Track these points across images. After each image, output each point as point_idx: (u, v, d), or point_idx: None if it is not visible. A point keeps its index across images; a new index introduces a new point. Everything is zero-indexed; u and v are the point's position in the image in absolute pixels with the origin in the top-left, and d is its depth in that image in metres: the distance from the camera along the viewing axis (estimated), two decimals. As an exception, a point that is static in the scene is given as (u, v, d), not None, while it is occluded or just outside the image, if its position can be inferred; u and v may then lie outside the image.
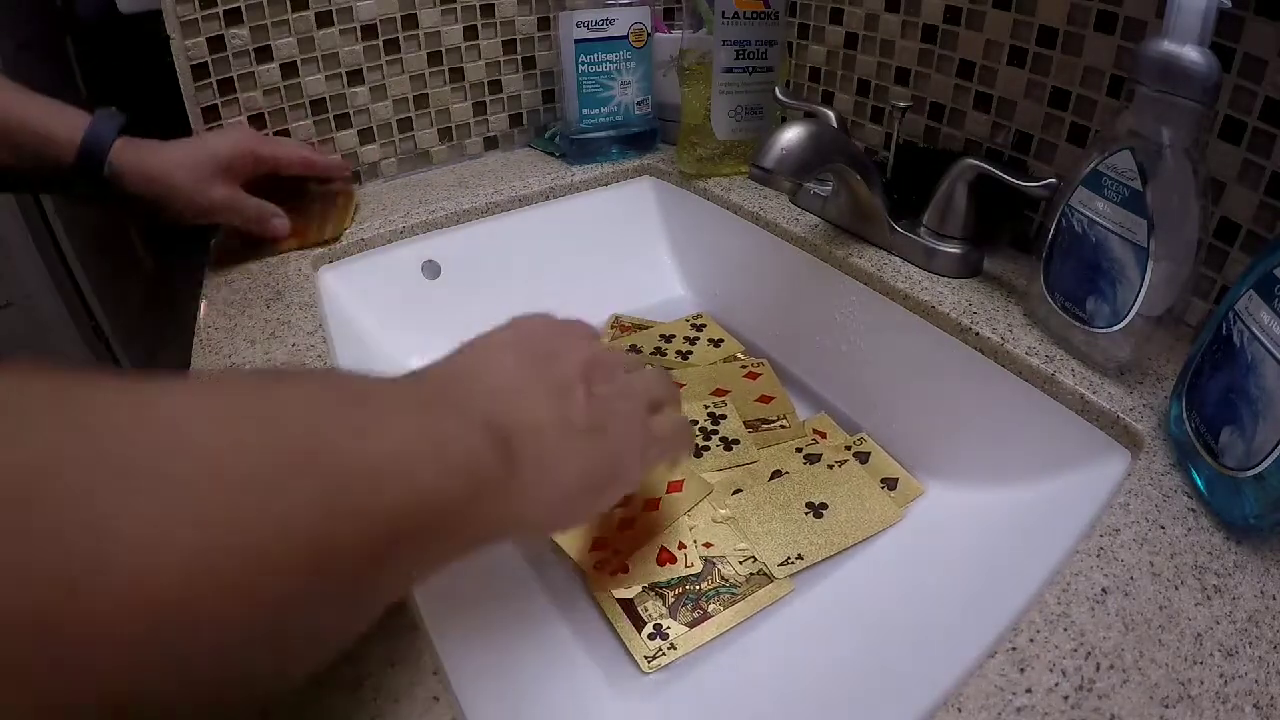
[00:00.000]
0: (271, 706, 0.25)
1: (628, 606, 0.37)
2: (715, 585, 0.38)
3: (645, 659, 0.34)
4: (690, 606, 0.37)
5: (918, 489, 0.44)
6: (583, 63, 0.64)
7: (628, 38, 0.65)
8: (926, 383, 0.47)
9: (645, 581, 0.38)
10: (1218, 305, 0.35)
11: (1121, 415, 0.37)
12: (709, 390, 0.52)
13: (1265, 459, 0.29)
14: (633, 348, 0.57)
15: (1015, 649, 0.27)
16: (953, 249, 0.49)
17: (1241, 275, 0.33)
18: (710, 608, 0.37)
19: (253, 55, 0.58)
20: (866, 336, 0.51)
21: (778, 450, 0.47)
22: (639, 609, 0.37)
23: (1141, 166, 0.36)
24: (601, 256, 0.65)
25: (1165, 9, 0.34)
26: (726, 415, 0.49)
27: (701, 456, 0.46)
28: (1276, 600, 0.29)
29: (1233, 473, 0.31)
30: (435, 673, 0.27)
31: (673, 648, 0.35)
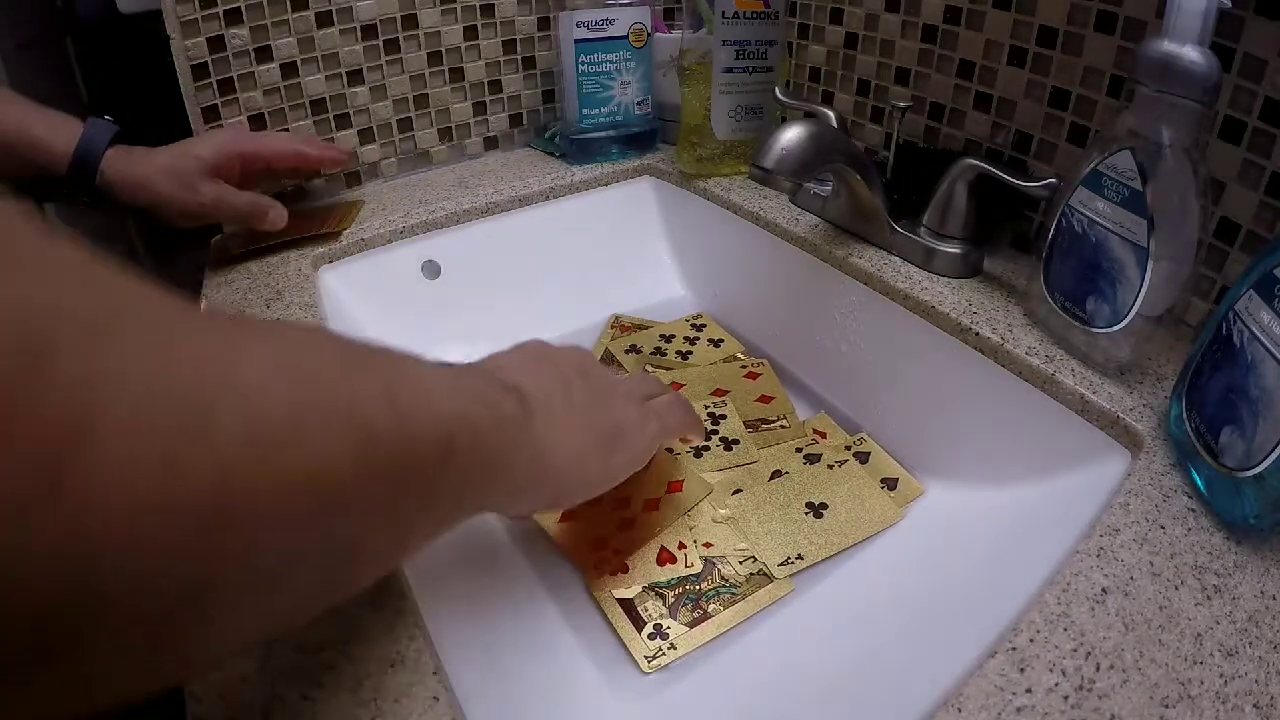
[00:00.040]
0: (272, 706, 0.25)
1: (628, 606, 0.37)
2: (715, 585, 0.38)
3: (645, 659, 0.35)
4: (690, 606, 0.37)
5: (918, 489, 0.44)
6: (583, 63, 0.64)
7: (628, 38, 0.65)
8: (926, 383, 0.47)
9: (645, 581, 0.38)
10: (1218, 305, 0.35)
11: (1121, 415, 0.37)
12: (709, 390, 0.52)
13: (1265, 459, 0.29)
14: (633, 348, 0.56)
15: (1015, 649, 0.27)
16: (953, 249, 0.49)
17: (1241, 275, 0.33)
18: (710, 608, 0.37)
19: (253, 55, 0.58)
20: (866, 336, 0.51)
21: (778, 450, 0.47)
22: (639, 609, 0.37)
23: (1141, 166, 0.36)
24: (601, 256, 0.65)
25: (1165, 9, 0.34)
26: (726, 415, 0.49)
27: (701, 456, 0.46)
28: (1276, 600, 0.29)
29: (1233, 473, 0.31)
30: (435, 673, 0.27)
31: (673, 648, 0.35)
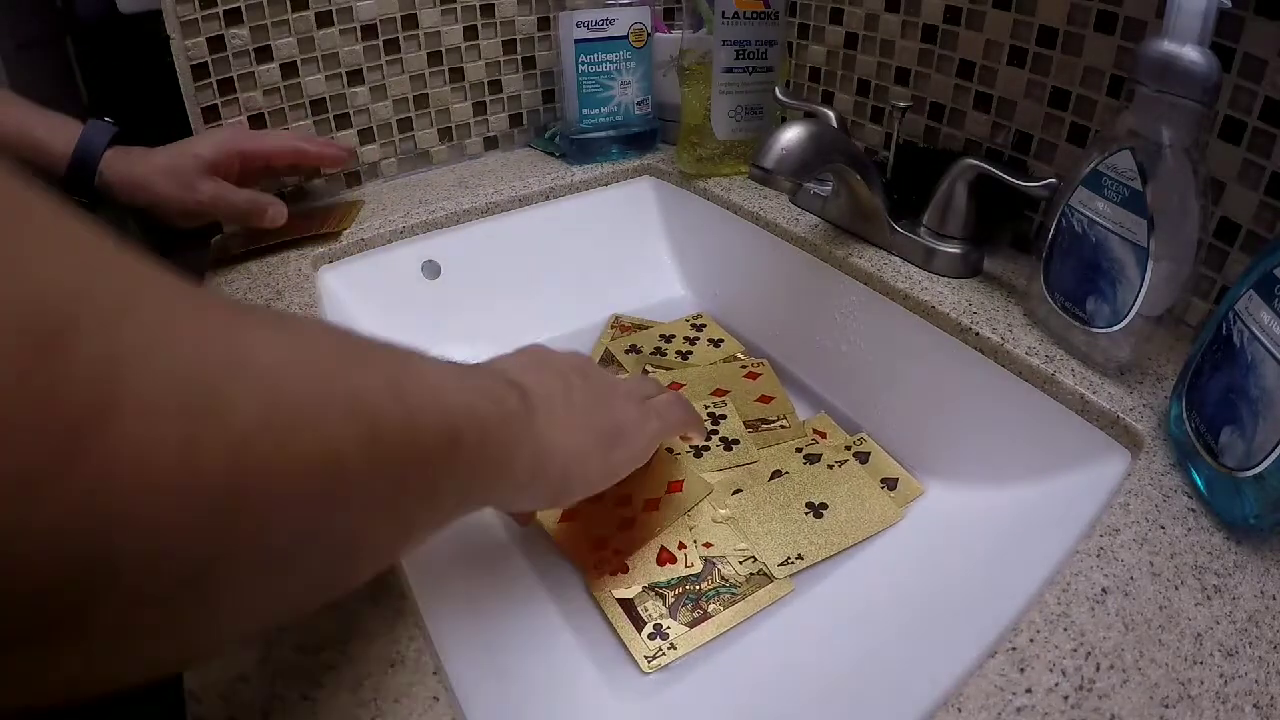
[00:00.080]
0: (272, 706, 0.25)
1: (628, 606, 0.37)
2: (715, 585, 0.38)
3: (645, 659, 0.35)
4: (690, 606, 0.37)
5: (918, 489, 0.44)
6: (583, 63, 0.64)
7: (628, 38, 0.65)
8: (926, 383, 0.47)
9: (645, 581, 0.38)
10: (1218, 305, 0.35)
11: (1121, 415, 0.37)
12: (709, 390, 0.52)
13: (1265, 459, 0.29)
14: (633, 348, 0.56)
15: (1015, 649, 0.27)
16: (953, 249, 0.49)
17: (1241, 275, 0.33)
18: (710, 608, 0.37)
19: (253, 55, 0.58)
20: (866, 336, 0.51)
21: (778, 450, 0.47)
22: (639, 609, 0.37)
23: (1141, 166, 0.36)
24: (601, 256, 0.65)
25: (1165, 9, 0.34)
26: (726, 415, 0.49)
27: (701, 456, 0.46)
28: (1276, 600, 0.29)
29: (1233, 473, 0.31)
30: (435, 673, 0.27)
31: (673, 648, 0.35)
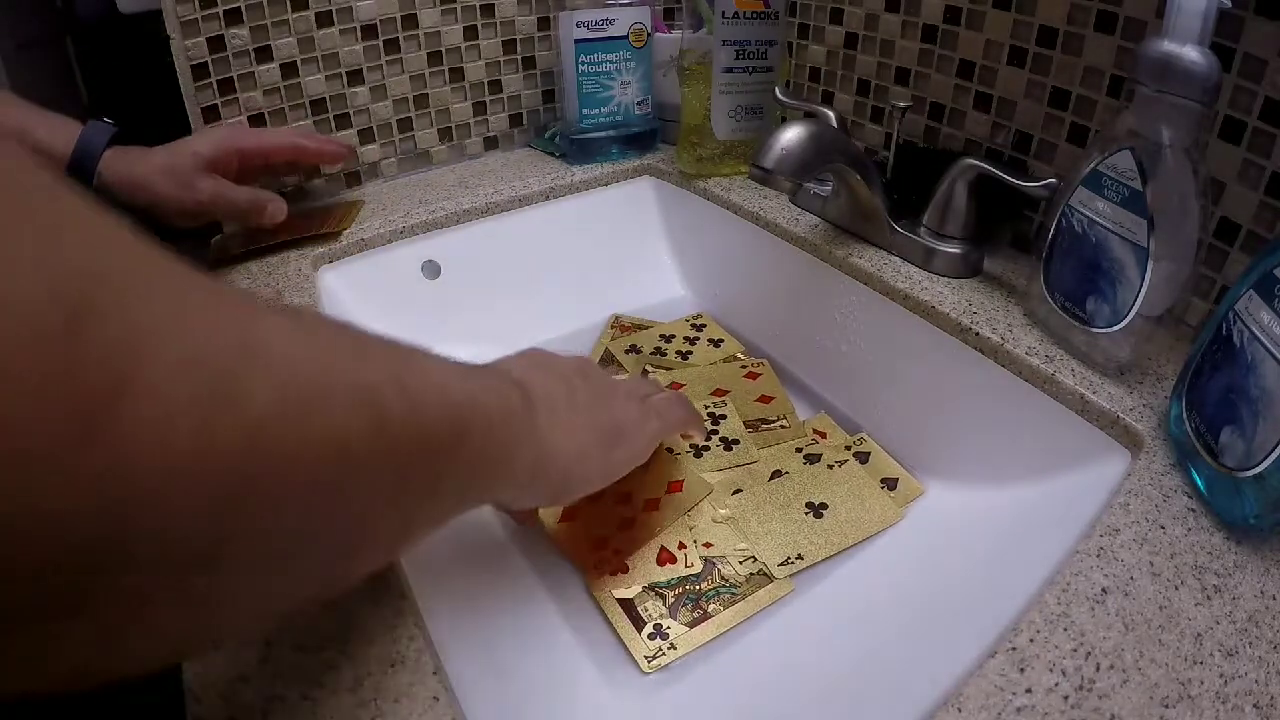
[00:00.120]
0: (272, 706, 0.25)
1: (628, 606, 0.37)
2: (715, 585, 0.38)
3: (645, 659, 0.35)
4: (690, 606, 0.37)
5: (918, 489, 0.44)
6: (583, 63, 0.64)
7: (628, 38, 0.65)
8: (926, 382, 0.47)
9: (645, 581, 0.38)
10: (1218, 305, 0.35)
11: (1121, 415, 0.37)
12: (709, 390, 0.52)
13: (1265, 459, 0.29)
14: (633, 348, 0.56)
15: (1015, 649, 0.27)
16: (953, 249, 0.49)
17: (1241, 275, 0.33)
18: (710, 608, 0.37)
19: (253, 55, 0.58)
20: (866, 336, 0.51)
21: (778, 450, 0.47)
22: (639, 609, 0.37)
23: (1141, 166, 0.36)
24: (601, 256, 0.65)
25: (1165, 9, 0.34)
26: (726, 415, 0.49)
27: (701, 456, 0.46)
28: (1276, 600, 0.29)
29: (1233, 473, 0.31)
30: (435, 673, 0.27)
31: (673, 648, 0.35)
